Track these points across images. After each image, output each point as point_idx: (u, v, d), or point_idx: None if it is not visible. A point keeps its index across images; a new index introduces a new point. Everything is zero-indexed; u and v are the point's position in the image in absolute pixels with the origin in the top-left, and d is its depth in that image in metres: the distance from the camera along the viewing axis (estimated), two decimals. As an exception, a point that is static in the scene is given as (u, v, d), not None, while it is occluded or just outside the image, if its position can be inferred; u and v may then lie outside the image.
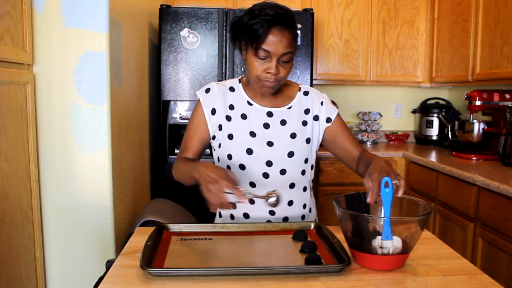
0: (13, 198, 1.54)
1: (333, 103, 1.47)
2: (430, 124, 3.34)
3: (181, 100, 2.64)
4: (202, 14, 2.59)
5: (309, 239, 1.18)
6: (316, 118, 1.41)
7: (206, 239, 1.18)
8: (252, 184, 1.35)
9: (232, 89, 1.39)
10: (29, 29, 1.64)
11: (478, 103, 2.61)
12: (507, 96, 2.59)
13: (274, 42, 1.20)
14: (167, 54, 2.60)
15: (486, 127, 2.62)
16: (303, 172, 1.39)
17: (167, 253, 1.08)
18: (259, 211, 1.35)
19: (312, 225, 1.27)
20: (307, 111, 1.40)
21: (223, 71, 2.62)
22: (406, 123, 3.63)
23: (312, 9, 2.70)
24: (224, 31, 2.60)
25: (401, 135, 3.53)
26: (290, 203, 1.38)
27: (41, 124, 1.73)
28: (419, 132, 3.45)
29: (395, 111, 3.61)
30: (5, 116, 1.49)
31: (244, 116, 1.35)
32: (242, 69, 2.62)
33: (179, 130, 2.81)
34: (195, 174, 1.11)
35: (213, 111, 1.36)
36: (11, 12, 1.52)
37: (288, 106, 1.39)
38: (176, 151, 2.68)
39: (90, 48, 1.73)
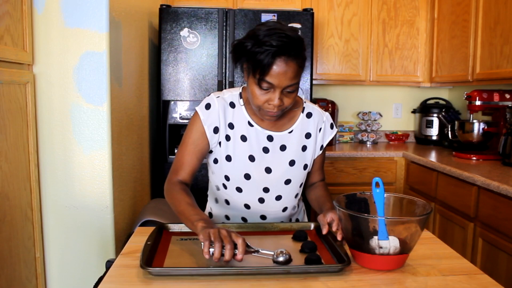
0: (13, 198, 1.54)
1: (331, 125, 1.41)
2: (430, 124, 3.34)
3: (181, 100, 2.64)
4: (202, 14, 2.59)
5: (309, 239, 1.19)
6: (314, 143, 1.37)
7: (206, 239, 1.18)
8: (247, 206, 1.35)
9: (232, 105, 1.30)
10: (29, 29, 1.64)
11: (478, 103, 2.61)
12: (507, 96, 2.59)
13: (278, 74, 1.11)
14: (167, 54, 2.60)
15: (486, 127, 2.62)
16: (297, 195, 1.39)
17: (167, 253, 1.08)
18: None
19: (312, 225, 1.27)
20: (308, 135, 1.35)
21: (223, 71, 2.62)
22: (406, 123, 3.63)
23: (312, 9, 2.70)
24: (224, 31, 2.60)
25: (401, 135, 3.53)
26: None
27: (41, 124, 1.73)
28: (419, 132, 3.45)
29: (395, 111, 3.61)
30: (5, 116, 1.49)
31: (244, 138, 1.29)
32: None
33: (179, 130, 2.81)
34: (197, 231, 1.04)
35: (216, 130, 1.28)
36: (11, 12, 1.52)
37: (289, 130, 1.32)
38: (176, 151, 2.67)
39: (90, 48, 1.73)
